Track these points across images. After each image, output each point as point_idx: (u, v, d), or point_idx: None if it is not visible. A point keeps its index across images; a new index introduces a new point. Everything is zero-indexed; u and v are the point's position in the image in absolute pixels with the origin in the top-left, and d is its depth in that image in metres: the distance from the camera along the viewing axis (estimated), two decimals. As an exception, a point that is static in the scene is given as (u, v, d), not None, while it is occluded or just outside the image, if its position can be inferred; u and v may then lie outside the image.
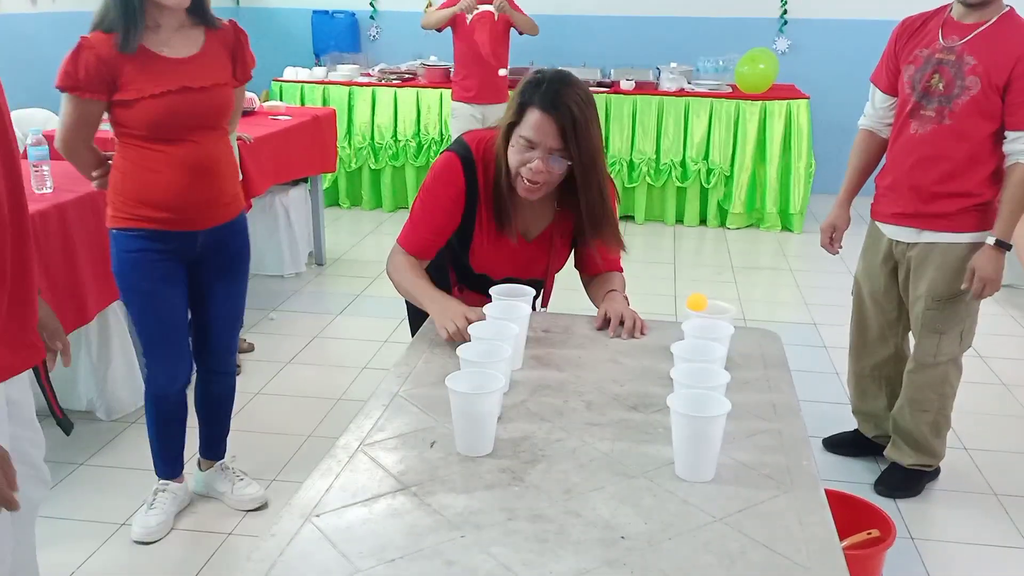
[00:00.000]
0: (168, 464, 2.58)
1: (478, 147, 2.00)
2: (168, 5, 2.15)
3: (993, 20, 2.47)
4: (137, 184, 2.25)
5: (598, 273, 2.16)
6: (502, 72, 5.06)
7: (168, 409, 2.50)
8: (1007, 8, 2.49)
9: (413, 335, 2.10)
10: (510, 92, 2.00)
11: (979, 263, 2.50)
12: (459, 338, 1.79)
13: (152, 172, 2.24)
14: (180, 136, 2.24)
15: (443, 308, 1.92)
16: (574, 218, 2.03)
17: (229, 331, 2.58)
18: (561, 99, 1.83)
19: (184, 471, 2.64)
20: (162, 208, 2.27)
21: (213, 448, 2.70)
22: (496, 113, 4.80)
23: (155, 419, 2.51)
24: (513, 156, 1.89)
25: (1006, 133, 2.47)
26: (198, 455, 2.70)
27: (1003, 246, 2.49)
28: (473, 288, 2.13)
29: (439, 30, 5.09)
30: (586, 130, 1.86)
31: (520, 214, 2.02)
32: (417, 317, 2.10)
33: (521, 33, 5.09)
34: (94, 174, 2.33)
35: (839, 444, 3.05)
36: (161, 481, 2.58)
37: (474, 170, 1.98)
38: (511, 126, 1.89)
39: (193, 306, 2.47)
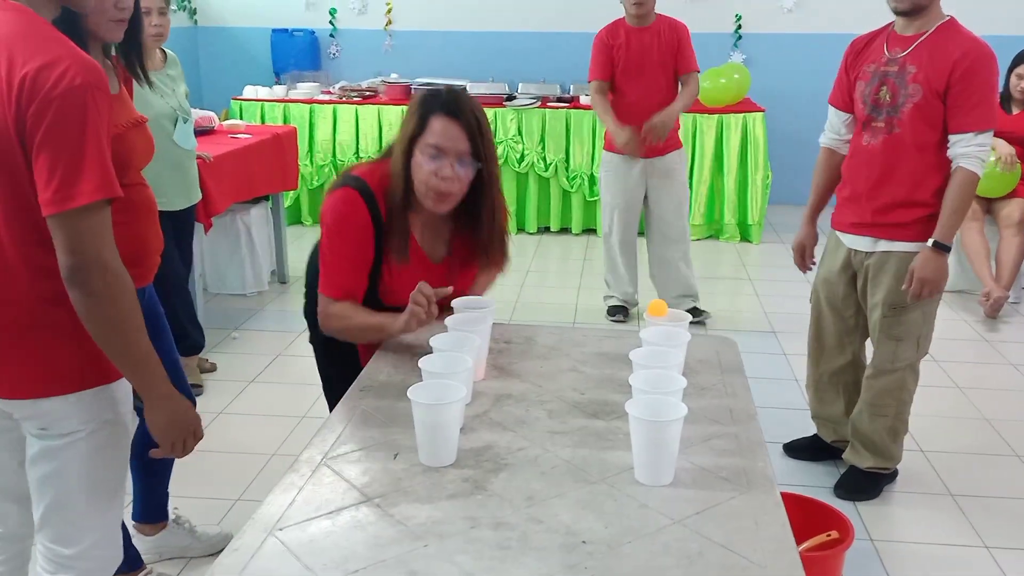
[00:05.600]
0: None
1: (371, 178, 1.96)
2: (108, 39, 1.84)
3: (932, 30, 2.57)
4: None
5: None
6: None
7: None
8: (947, 18, 2.59)
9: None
10: None
11: (918, 264, 2.57)
12: (428, 310, 1.81)
13: (113, 224, 1.85)
14: (131, 178, 1.94)
15: (407, 319, 1.87)
16: (471, 233, 2.03)
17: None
18: (463, 104, 1.88)
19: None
20: (131, 264, 1.89)
21: (161, 507, 2.44)
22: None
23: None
24: (422, 168, 1.88)
25: (948, 137, 2.55)
26: (134, 523, 2.43)
27: (941, 248, 2.55)
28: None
29: None
30: (488, 133, 1.91)
31: (421, 236, 2.01)
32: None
33: None
34: None
35: (799, 449, 3.10)
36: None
37: (375, 201, 1.95)
38: (412, 139, 1.89)
39: None
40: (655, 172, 4.18)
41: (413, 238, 1.99)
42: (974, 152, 2.51)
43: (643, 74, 4.09)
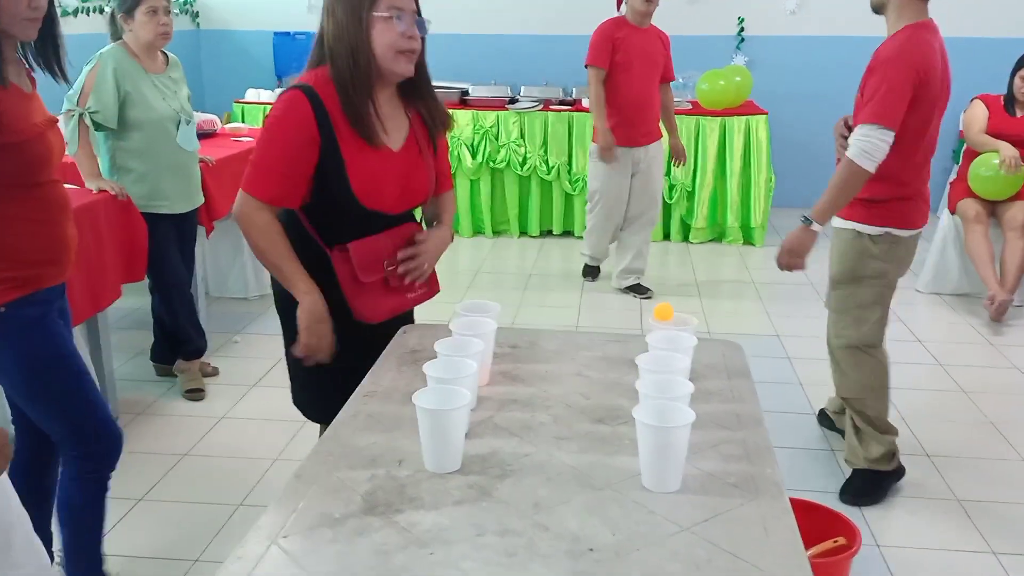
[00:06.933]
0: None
1: (314, 82, 1.92)
2: (22, 37, 1.83)
3: (888, 36, 2.61)
4: (22, 239, 1.87)
5: (438, 195, 2.17)
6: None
7: None
8: (912, 22, 2.56)
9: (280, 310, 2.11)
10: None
11: (787, 235, 2.70)
12: (315, 357, 1.94)
13: (33, 222, 1.89)
14: (48, 176, 1.92)
15: (313, 316, 1.91)
16: (423, 117, 2.06)
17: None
18: None
19: None
20: (52, 262, 1.95)
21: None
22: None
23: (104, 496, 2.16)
24: (386, 34, 1.88)
25: None
26: None
27: (807, 221, 2.63)
28: (367, 231, 1.98)
29: None
30: None
31: (382, 121, 1.96)
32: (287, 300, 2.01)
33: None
34: None
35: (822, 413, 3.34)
36: None
37: (319, 99, 1.89)
38: (365, 9, 1.87)
39: None
40: (639, 162, 4.62)
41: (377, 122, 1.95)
42: (856, 142, 2.54)
43: (637, 72, 4.48)
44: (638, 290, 4.81)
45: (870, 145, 2.52)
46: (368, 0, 1.87)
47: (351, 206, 1.93)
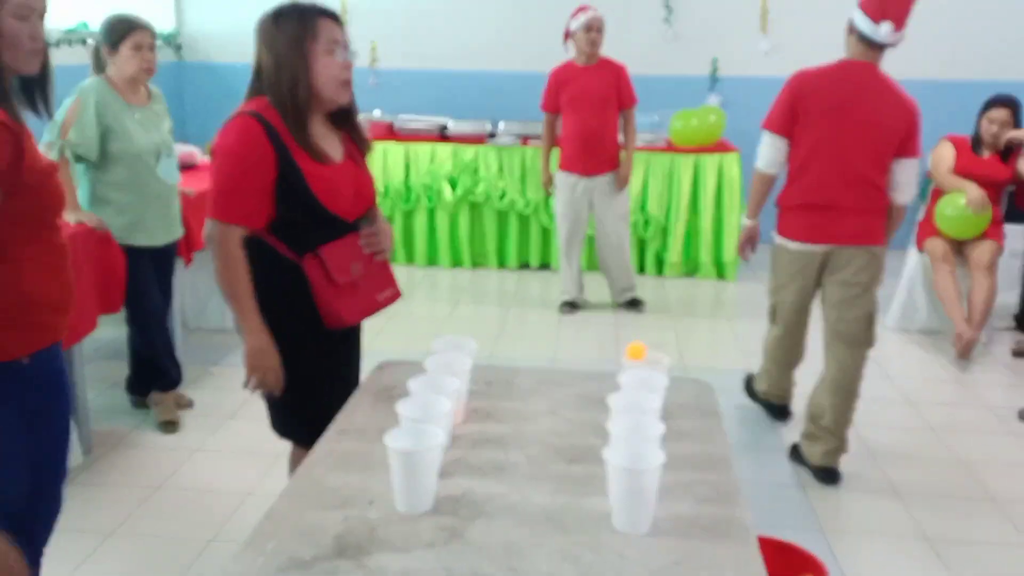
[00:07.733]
0: None
1: (251, 107, 2.02)
2: (26, 71, 1.77)
3: None
4: (42, 283, 1.79)
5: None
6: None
7: None
8: (841, 59, 3.07)
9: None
10: None
11: None
12: (265, 389, 2.10)
13: (48, 265, 1.81)
14: (55, 221, 1.83)
15: (259, 351, 2.05)
16: (352, 137, 2.19)
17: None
18: (324, 4, 2.07)
19: None
20: (62, 309, 1.85)
21: None
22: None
23: None
24: (331, 65, 2.01)
25: None
26: None
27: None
28: (331, 237, 2.08)
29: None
30: None
31: (321, 143, 2.08)
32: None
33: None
34: None
35: None
36: None
37: (270, 124, 1.99)
38: (306, 43, 1.98)
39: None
40: (596, 189, 4.94)
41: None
42: None
43: (586, 108, 4.81)
44: (632, 304, 5.13)
45: (760, 147, 3.15)
46: (310, 33, 1.99)
47: (316, 213, 2.04)
